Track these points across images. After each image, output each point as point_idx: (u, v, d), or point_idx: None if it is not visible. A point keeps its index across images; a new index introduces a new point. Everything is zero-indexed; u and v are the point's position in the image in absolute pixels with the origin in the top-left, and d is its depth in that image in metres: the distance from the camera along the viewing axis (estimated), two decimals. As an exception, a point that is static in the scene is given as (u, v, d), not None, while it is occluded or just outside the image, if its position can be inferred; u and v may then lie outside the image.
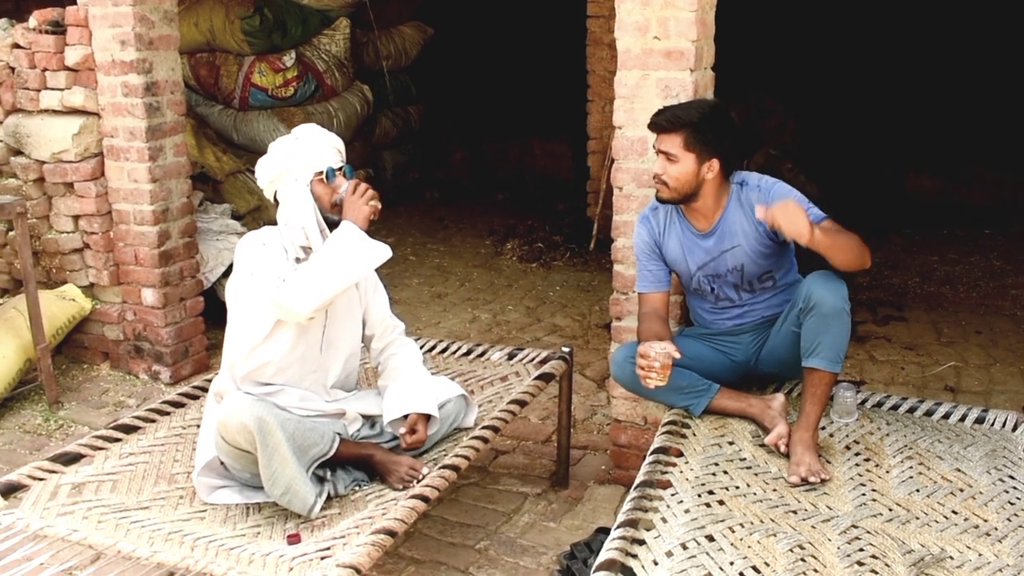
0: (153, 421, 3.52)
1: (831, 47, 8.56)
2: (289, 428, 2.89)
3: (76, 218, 5.13)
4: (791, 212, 2.93)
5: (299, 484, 2.85)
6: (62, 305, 5.08)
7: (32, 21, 4.98)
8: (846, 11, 8.54)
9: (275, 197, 3.21)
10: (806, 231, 2.90)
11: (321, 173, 3.13)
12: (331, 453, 3.02)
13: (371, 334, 3.43)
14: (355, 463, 3.13)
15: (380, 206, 3.12)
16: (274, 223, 3.21)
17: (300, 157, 3.13)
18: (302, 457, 2.91)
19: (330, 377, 3.27)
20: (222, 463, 3.01)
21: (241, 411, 2.83)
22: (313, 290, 2.94)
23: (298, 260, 3.10)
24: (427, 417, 3.23)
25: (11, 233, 5.16)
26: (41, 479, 3.05)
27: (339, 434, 3.09)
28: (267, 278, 2.97)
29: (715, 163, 3.19)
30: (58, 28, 4.92)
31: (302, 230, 3.12)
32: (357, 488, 3.07)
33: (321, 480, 3.01)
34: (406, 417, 3.20)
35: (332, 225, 3.10)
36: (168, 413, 3.60)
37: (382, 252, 3.04)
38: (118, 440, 3.35)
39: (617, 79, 3.60)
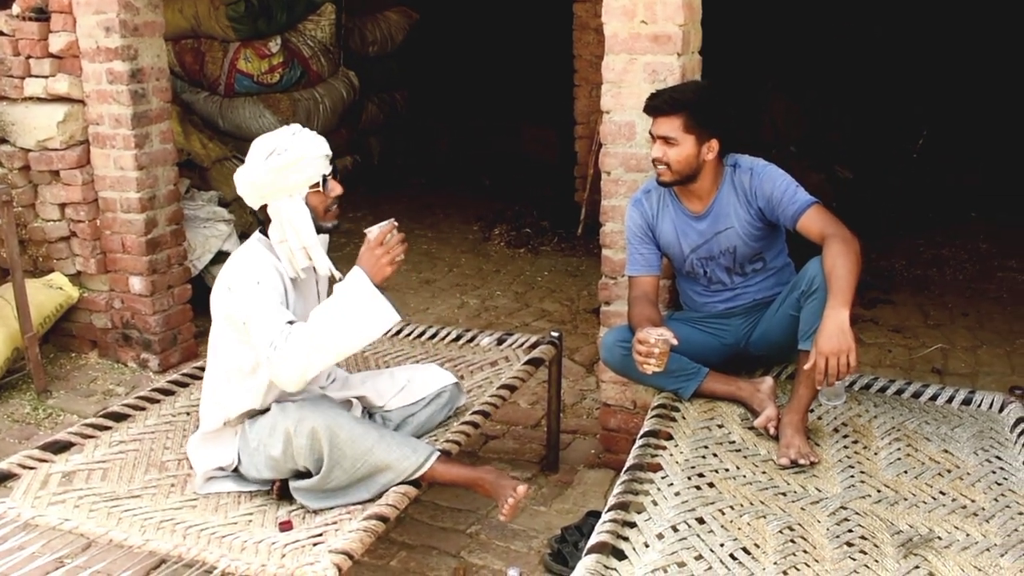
0: (143, 409, 3.52)
1: (812, 31, 8.56)
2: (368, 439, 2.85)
3: (62, 206, 5.10)
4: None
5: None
6: (49, 294, 5.06)
7: (15, 8, 4.94)
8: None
9: (261, 210, 2.96)
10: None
11: (317, 184, 2.88)
12: (422, 471, 2.87)
13: None
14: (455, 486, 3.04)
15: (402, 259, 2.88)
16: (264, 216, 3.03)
17: (295, 171, 2.84)
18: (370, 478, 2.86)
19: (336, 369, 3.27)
20: (236, 470, 3.02)
21: (311, 418, 2.84)
22: (306, 362, 2.72)
23: (293, 281, 2.96)
24: None
25: (-3, 222, 5.14)
26: (32, 468, 3.05)
27: (440, 450, 2.95)
28: (260, 339, 2.76)
29: (714, 143, 3.19)
30: (42, 15, 4.88)
31: (303, 250, 2.90)
32: None
33: None
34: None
35: (324, 232, 2.98)
36: (158, 401, 3.59)
37: (389, 317, 2.78)
38: (108, 428, 3.35)
39: (604, 63, 3.60)
